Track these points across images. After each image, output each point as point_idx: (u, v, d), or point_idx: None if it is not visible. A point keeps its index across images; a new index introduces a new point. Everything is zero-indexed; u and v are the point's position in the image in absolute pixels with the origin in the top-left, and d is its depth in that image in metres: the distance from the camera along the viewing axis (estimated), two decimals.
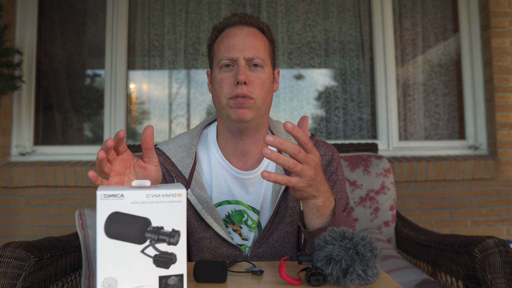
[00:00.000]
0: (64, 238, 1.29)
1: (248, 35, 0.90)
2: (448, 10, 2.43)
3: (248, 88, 0.86)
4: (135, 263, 0.55)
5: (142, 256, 0.55)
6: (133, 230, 0.55)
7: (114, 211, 0.54)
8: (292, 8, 2.41)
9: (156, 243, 0.55)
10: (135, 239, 0.55)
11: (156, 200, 0.56)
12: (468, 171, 2.15)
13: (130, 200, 0.55)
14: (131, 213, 0.55)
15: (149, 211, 0.55)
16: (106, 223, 0.54)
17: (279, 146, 0.66)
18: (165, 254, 0.56)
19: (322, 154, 0.97)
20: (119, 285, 0.55)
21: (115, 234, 0.54)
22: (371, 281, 0.62)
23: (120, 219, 0.54)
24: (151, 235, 0.55)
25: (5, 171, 2.07)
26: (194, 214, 0.93)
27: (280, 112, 2.37)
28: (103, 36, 2.32)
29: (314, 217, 0.77)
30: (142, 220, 0.55)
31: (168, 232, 0.56)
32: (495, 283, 1.00)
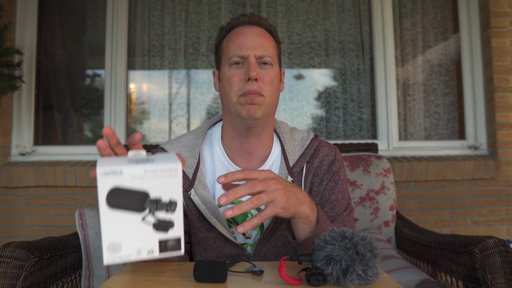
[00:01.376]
0: (64, 238, 1.29)
1: (258, 34, 0.92)
2: (448, 10, 2.43)
3: (259, 84, 0.88)
4: (136, 229, 0.60)
5: (142, 223, 0.60)
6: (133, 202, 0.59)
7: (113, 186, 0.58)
8: (292, 8, 2.41)
9: (155, 212, 0.60)
10: (135, 208, 0.59)
11: (154, 176, 0.59)
12: (468, 171, 2.15)
13: (129, 176, 0.58)
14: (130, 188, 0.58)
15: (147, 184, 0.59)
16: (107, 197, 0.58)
17: (233, 197, 0.68)
18: (164, 221, 0.61)
19: (325, 155, 0.98)
20: (123, 248, 0.60)
21: (117, 205, 0.58)
22: (371, 281, 0.62)
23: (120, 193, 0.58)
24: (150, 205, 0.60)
25: (5, 171, 2.07)
26: (197, 214, 0.93)
27: (280, 112, 2.37)
28: (103, 36, 2.33)
29: (305, 226, 0.77)
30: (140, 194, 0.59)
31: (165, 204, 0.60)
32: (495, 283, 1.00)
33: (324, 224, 0.79)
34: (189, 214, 0.94)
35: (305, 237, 0.78)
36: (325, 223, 0.80)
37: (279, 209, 0.70)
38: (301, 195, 0.76)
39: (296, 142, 0.98)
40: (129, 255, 0.60)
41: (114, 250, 0.60)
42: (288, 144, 0.97)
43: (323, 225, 0.79)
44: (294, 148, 0.97)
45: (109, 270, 1.37)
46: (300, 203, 0.75)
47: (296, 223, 0.77)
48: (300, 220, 0.76)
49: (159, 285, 0.65)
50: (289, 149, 0.96)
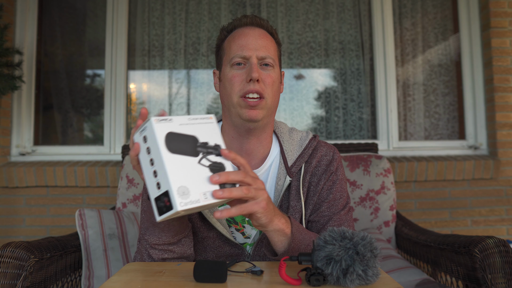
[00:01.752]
0: (64, 238, 1.29)
1: (260, 36, 0.93)
2: (448, 10, 2.43)
3: (261, 86, 0.88)
4: (197, 172, 0.64)
5: (200, 166, 0.64)
6: (188, 145, 0.64)
7: (169, 131, 0.63)
8: (292, 8, 2.41)
9: (207, 155, 0.65)
10: (191, 152, 0.64)
11: (196, 122, 0.67)
12: (468, 171, 2.15)
13: (178, 123, 0.65)
14: (182, 133, 0.64)
15: (194, 130, 0.66)
16: (166, 141, 0.62)
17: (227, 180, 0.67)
18: (216, 163, 0.66)
19: (323, 155, 0.98)
20: (191, 192, 0.62)
21: (175, 149, 0.63)
22: (371, 281, 0.62)
23: (175, 137, 0.63)
24: (201, 148, 0.65)
25: (5, 171, 2.07)
26: (198, 214, 0.94)
27: (280, 112, 2.37)
28: (103, 36, 2.33)
29: (282, 239, 0.78)
30: (191, 137, 0.65)
31: (213, 146, 0.66)
32: (495, 283, 1.00)
33: (300, 235, 0.80)
34: (189, 214, 0.95)
35: (284, 249, 0.79)
36: (301, 234, 0.81)
37: (260, 208, 0.71)
38: (276, 208, 0.78)
39: (294, 142, 0.98)
40: (197, 199, 0.62)
41: (183, 194, 0.61)
42: (287, 144, 0.98)
43: (299, 237, 0.79)
44: (292, 148, 0.97)
45: (109, 270, 1.37)
46: (275, 214, 0.76)
47: (273, 237, 0.78)
48: (276, 233, 0.78)
49: (159, 285, 0.65)
50: (288, 149, 0.97)
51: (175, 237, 0.82)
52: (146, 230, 0.83)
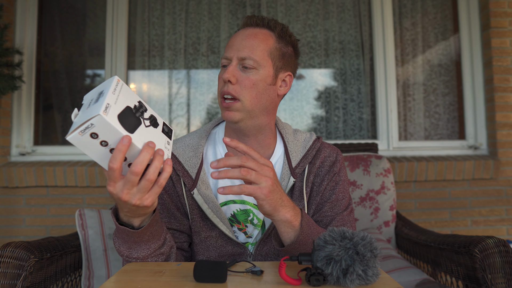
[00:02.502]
0: (64, 238, 1.29)
1: (248, 36, 0.91)
2: (448, 10, 2.43)
3: (235, 87, 0.88)
4: (151, 134, 0.68)
5: (147, 128, 0.68)
6: (130, 118, 0.64)
7: (116, 114, 0.62)
8: (292, 8, 2.41)
9: (143, 115, 0.68)
10: (136, 122, 0.65)
11: (117, 92, 0.65)
12: (468, 171, 2.15)
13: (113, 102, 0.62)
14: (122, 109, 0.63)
15: (123, 101, 0.65)
16: (122, 125, 0.62)
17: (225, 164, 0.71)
18: (151, 118, 0.70)
19: (327, 156, 0.98)
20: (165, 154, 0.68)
21: (129, 127, 0.63)
22: (371, 281, 0.62)
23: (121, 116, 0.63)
24: (138, 114, 0.67)
25: (5, 171, 2.07)
26: (200, 213, 0.94)
27: (280, 112, 2.37)
28: (103, 36, 2.32)
29: (289, 230, 0.78)
30: (127, 108, 0.65)
31: (139, 106, 0.68)
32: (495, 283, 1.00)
33: (308, 229, 0.79)
34: (191, 214, 0.95)
35: (291, 241, 0.78)
36: (310, 228, 0.80)
37: (261, 194, 0.71)
38: (285, 199, 0.77)
39: (299, 143, 0.99)
40: (167, 154, 0.69)
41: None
42: (291, 145, 0.98)
43: (307, 230, 0.79)
44: (297, 149, 0.97)
45: (109, 270, 1.37)
46: (282, 205, 0.75)
47: (280, 227, 0.78)
48: (282, 224, 0.77)
49: (159, 285, 0.65)
50: (292, 150, 0.97)
51: (161, 238, 0.80)
52: (130, 250, 0.78)
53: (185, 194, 0.95)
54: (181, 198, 0.96)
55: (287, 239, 0.79)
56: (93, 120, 0.59)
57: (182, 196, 0.95)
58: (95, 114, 0.58)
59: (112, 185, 0.65)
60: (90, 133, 0.60)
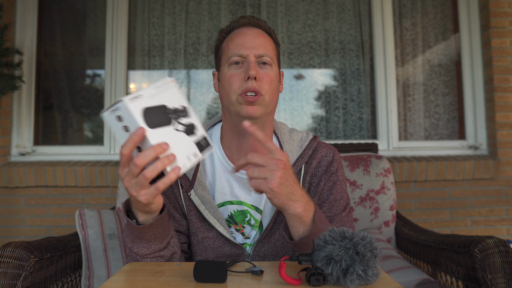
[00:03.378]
0: (64, 238, 1.29)
1: (258, 35, 0.93)
2: (448, 10, 2.43)
3: (258, 83, 0.88)
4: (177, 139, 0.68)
5: (176, 132, 0.68)
6: (161, 116, 0.67)
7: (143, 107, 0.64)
8: (292, 8, 2.41)
9: (179, 120, 0.69)
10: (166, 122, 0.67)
11: (160, 90, 0.69)
12: (468, 171, 2.15)
13: (147, 96, 0.66)
14: (153, 105, 0.66)
15: (161, 99, 0.68)
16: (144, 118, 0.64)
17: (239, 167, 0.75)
18: (189, 124, 0.70)
19: (323, 155, 0.98)
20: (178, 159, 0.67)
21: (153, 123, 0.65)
22: (371, 281, 0.62)
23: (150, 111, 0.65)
24: (173, 115, 0.68)
25: (5, 171, 2.07)
26: (197, 214, 0.94)
27: (280, 112, 2.37)
28: (103, 36, 2.33)
29: (298, 225, 0.77)
30: (161, 107, 0.67)
31: (181, 109, 0.70)
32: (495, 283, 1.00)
33: (321, 225, 0.79)
34: (189, 215, 0.95)
35: (300, 236, 0.78)
36: (322, 224, 0.79)
37: (267, 188, 0.71)
38: (297, 193, 0.75)
39: (294, 143, 0.98)
40: (184, 164, 0.68)
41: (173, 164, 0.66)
42: (287, 144, 0.98)
43: (319, 226, 0.78)
44: (292, 148, 0.97)
45: (109, 270, 1.37)
46: (292, 199, 0.74)
47: (289, 221, 0.77)
48: (292, 218, 0.76)
49: (159, 285, 0.65)
50: (288, 150, 0.97)
51: (163, 241, 0.81)
52: (132, 243, 0.80)
53: (182, 195, 0.95)
54: (178, 199, 0.96)
55: (296, 234, 0.78)
56: (119, 104, 0.64)
57: (179, 197, 0.95)
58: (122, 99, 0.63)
59: (121, 169, 0.68)
60: (116, 115, 0.65)
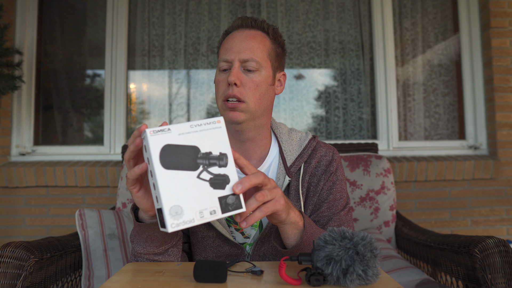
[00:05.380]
0: (64, 238, 1.29)
1: (246, 38, 0.91)
2: (448, 10, 2.43)
3: (240, 90, 0.88)
4: (194, 189, 0.59)
5: (199, 181, 0.59)
6: (186, 158, 0.59)
7: (165, 144, 0.57)
8: (292, 8, 2.41)
9: (209, 167, 0.60)
10: (189, 166, 0.59)
11: (200, 129, 0.60)
12: (468, 171, 2.15)
13: (177, 133, 0.58)
14: (181, 144, 0.58)
15: (196, 139, 0.59)
16: (161, 156, 0.57)
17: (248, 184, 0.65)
18: (219, 175, 0.60)
19: (323, 155, 0.98)
20: (185, 211, 0.58)
21: (171, 164, 0.58)
22: (371, 281, 0.62)
23: (172, 150, 0.58)
24: (202, 160, 0.59)
25: (5, 171, 2.07)
26: None
27: (280, 112, 2.37)
28: (103, 36, 2.32)
29: (294, 231, 0.78)
30: (191, 148, 0.59)
31: (216, 156, 0.60)
32: (495, 283, 1.00)
33: (311, 229, 0.80)
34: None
35: (296, 242, 0.79)
36: (312, 228, 0.81)
37: (279, 205, 0.71)
38: (289, 201, 0.77)
39: (294, 142, 0.99)
40: (192, 219, 0.59)
41: (176, 214, 0.58)
42: (286, 144, 0.98)
43: (310, 230, 0.79)
44: (292, 148, 0.97)
45: (109, 270, 1.37)
46: (289, 208, 0.76)
47: (287, 229, 0.78)
48: (290, 226, 0.77)
49: (159, 285, 0.65)
50: (287, 149, 0.97)
51: (160, 247, 0.80)
52: (133, 237, 0.82)
53: None
54: None
55: (293, 241, 0.79)
56: (144, 133, 0.59)
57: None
58: (146, 131, 0.58)
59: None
60: (144, 144, 0.61)
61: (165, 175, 0.58)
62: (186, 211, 0.58)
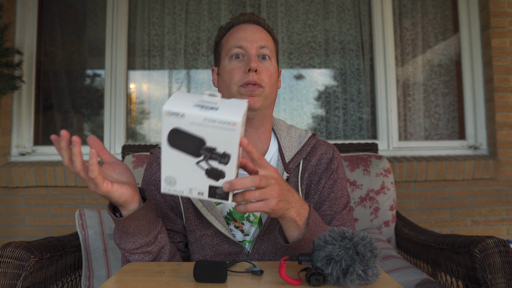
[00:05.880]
0: (64, 238, 1.29)
1: (258, 30, 0.96)
2: (448, 10, 2.43)
3: (259, 76, 0.90)
4: (190, 170, 0.64)
5: (196, 167, 0.63)
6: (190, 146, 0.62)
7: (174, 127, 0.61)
8: (292, 8, 2.41)
9: (209, 160, 0.63)
10: (192, 152, 0.63)
11: (212, 125, 0.60)
12: (468, 171, 2.15)
13: (189, 121, 0.60)
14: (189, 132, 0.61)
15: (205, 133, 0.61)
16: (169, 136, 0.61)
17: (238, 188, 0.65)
18: (216, 170, 0.63)
19: (323, 153, 0.98)
20: (177, 183, 0.65)
21: (176, 145, 0.62)
22: (371, 281, 0.62)
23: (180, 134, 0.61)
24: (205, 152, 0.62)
25: (5, 171, 2.07)
26: (194, 212, 0.94)
27: (280, 112, 2.37)
28: (103, 36, 2.33)
29: (292, 229, 0.77)
30: (198, 139, 0.62)
31: (220, 153, 0.62)
32: (495, 283, 1.00)
33: (315, 227, 0.79)
34: (186, 212, 0.95)
35: (294, 239, 0.78)
36: (316, 226, 0.79)
37: (268, 209, 0.70)
38: (292, 199, 0.75)
39: (293, 139, 0.99)
40: (181, 191, 0.65)
41: (169, 183, 0.65)
42: (285, 140, 0.98)
43: (314, 229, 0.78)
44: (291, 144, 0.98)
45: (109, 270, 1.37)
46: (288, 207, 0.74)
47: (284, 225, 0.78)
48: (286, 223, 0.77)
49: (159, 285, 0.65)
50: (286, 146, 0.97)
51: (149, 235, 0.81)
52: (120, 239, 0.82)
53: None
54: (174, 197, 0.96)
55: (291, 237, 0.79)
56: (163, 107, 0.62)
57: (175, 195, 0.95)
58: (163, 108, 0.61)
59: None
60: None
61: (169, 151, 0.63)
62: (179, 183, 0.65)
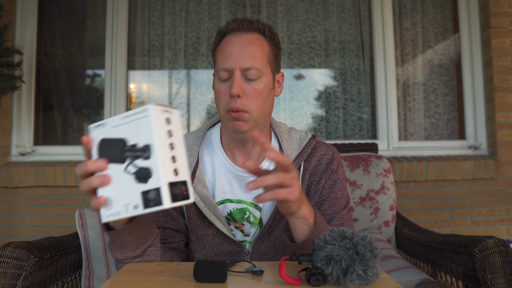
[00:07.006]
0: (64, 238, 1.29)
1: (245, 44, 0.88)
2: (448, 10, 2.43)
3: (242, 101, 0.86)
4: (122, 182, 0.59)
5: (125, 174, 0.58)
6: (116, 151, 0.58)
7: (101, 138, 0.58)
8: (292, 8, 2.41)
9: (134, 160, 0.57)
10: (119, 159, 0.58)
11: (129, 120, 0.58)
12: (468, 171, 2.15)
13: (110, 126, 0.58)
14: (113, 138, 0.58)
15: (125, 131, 0.58)
16: (98, 150, 0.58)
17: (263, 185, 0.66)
18: (142, 169, 0.57)
19: (323, 154, 0.99)
20: (114, 204, 0.59)
21: (107, 157, 0.59)
22: (371, 281, 0.62)
23: (107, 143, 0.58)
24: (129, 153, 0.58)
25: (5, 171, 2.07)
26: (197, 211, 0.95)
27: (280, 112, 2.37)
28: (103, 36, 2.32)
29: (304, 227, 0.78)
30: (119, 141, 0.58)
31: (140, 148, 0.57)
32: (495, 283, 1.00)
33: (321, 225, 0.80)
34: (188, 212, 0.96)
35: (305, 237, 0.78)
36: (322, 224, 0.81)
37: (292, 196, 0.70)
38: (304, 197, 0.77)
39: (293, 141, 0.99)
40: (118, 212, 0.59)
41: (107, 206, 0.59)
42: (286, 143, 0.98)
43: (320, 226, 0.79)
44: (291, 147, 0.98)
45: (109, 270, 1.37)
46: (302, 203, 0.76)
47: (296, 224, 0.78)
48: (299, 220, 0.77)
49: (159, 285, 0.65)
50: (286, 148, 0.97)
51: (136, 250, 0.79)
52: (110, 246, 0.81)
53: None
54: None
55: (301, 236, 0.79)
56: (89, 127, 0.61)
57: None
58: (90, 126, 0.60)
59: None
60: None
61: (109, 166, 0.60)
62: (115, 203, 0.59)
